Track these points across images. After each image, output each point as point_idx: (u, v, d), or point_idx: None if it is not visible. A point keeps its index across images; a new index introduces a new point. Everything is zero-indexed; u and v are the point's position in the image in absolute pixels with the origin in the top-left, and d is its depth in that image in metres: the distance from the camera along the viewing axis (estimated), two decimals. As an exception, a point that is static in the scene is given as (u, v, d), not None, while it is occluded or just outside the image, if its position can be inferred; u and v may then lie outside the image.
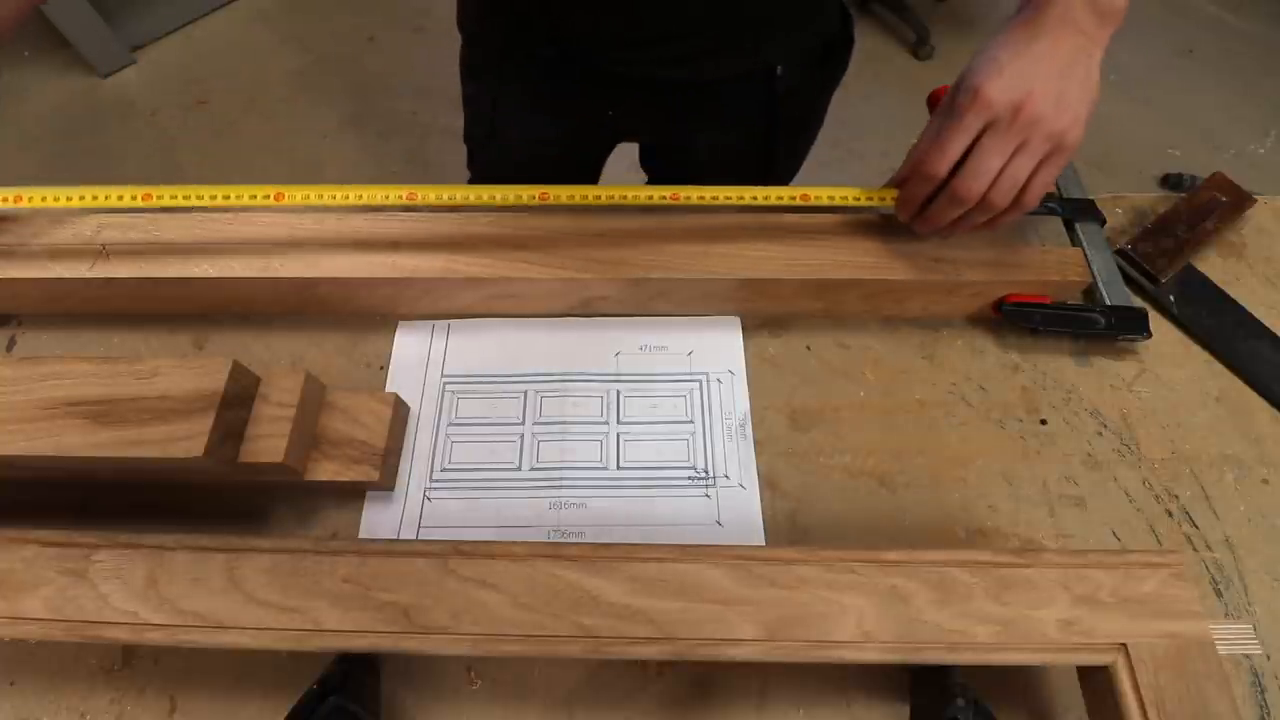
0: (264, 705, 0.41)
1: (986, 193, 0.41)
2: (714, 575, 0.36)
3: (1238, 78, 1.86)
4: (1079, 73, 0.40)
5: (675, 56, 0.59)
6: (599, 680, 0.42)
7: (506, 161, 0.78)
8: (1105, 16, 0.40)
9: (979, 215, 0.44)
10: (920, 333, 0.54)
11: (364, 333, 0.54)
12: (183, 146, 1.73)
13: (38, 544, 0.37)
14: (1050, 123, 0.39)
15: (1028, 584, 0.36)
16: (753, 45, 0.60)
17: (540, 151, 0.75)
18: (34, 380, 0.40)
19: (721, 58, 0.60)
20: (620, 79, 0.62)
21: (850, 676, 0.42)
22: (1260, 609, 0.44)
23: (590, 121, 0.70)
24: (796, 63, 0.64)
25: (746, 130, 0.70)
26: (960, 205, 0.43)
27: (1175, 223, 0.57)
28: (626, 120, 0.71)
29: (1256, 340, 0.54)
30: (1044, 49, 0.40)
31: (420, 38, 1.95)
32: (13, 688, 0.42)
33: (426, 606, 0.35)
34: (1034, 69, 0.39)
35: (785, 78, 0.64)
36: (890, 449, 0.49)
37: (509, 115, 0.72)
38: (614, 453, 0.49)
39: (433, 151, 1.73)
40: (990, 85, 0.39)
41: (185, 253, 0.50)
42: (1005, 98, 0.39)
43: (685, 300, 0.53)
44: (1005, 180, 0.41)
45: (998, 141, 0.40)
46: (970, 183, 0.41)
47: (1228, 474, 0.49)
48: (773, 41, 0.61)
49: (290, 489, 0.46)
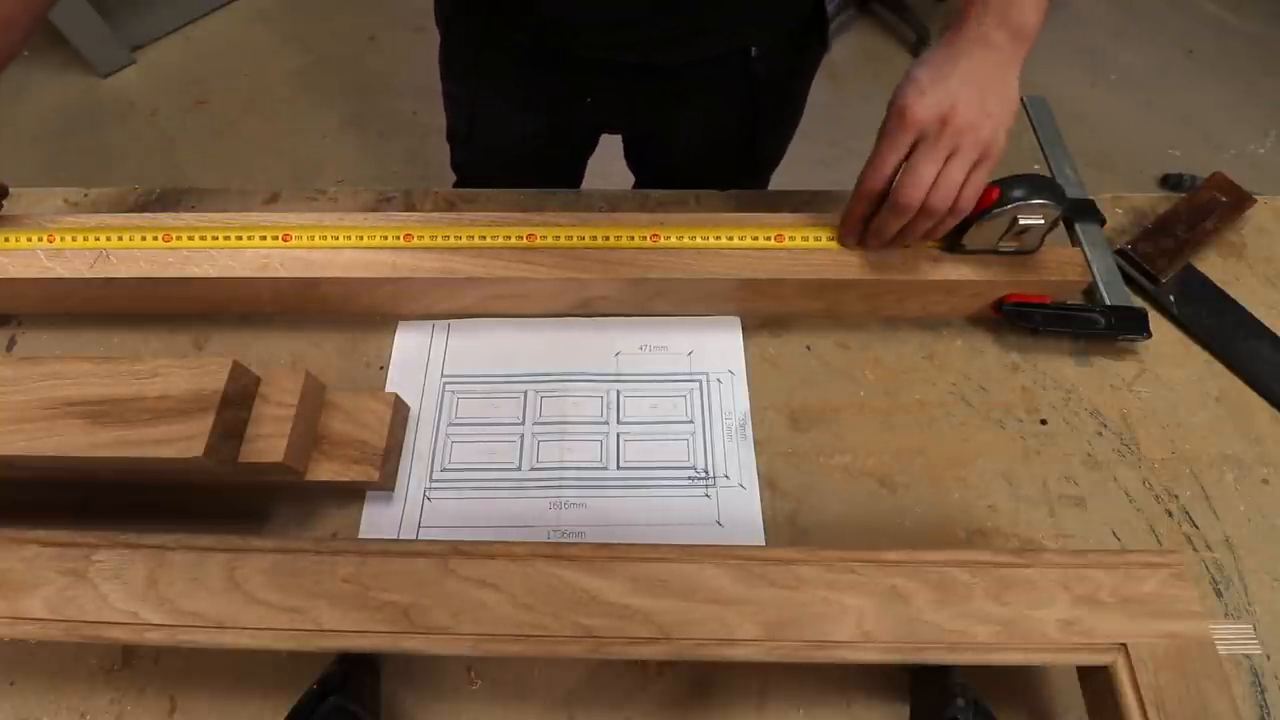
0: (264, 705, 0.41)
1: (925, 199, 0.44)
2: (714, 575, 0.36)
3: (1238, 78, 1.86)
4: (997, 86, 0.43)
5: (649, 39, 0.59)
6: (599, 680, 0.42)
7: (490, 160, 0.78)
8: (1019, 36, 0.43)
9: (922, 222, 0.46)
10: (920, 333, 0.54)
11: (364, 333, 0.54)
12: (183, 146, 1.73)
13: (38, 544, 0.37)
14: (976, 131, 0.42)
15: (1028, 584, 0.36)
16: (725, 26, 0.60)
17: (522, 149, 0.75)
18: (34, 380, 0.40)
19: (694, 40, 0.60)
20: (597, 65, 0.63)
21: (850, 676, 0.42)
22: (1260, 609, 0.44)
23: (569, 112, 0.70)
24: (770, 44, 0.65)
25: (726, 116, 0.70)
26: (902, 214, 0.45)
27: (1175, 223, 0.57)
28: (606, 109, 0.71)
29: (1256, 340, 0.54)
30: (963, 67, 0.43)
31: (421, 38, 1.94)
32: (13, 688, 0.42)
33: (426, 606, 0.35)
34: (955, 86, 0.42)
35: (761, 59, 0.65)
36: (890, 449, 0.49)
37: (489, 111, 0.72)
38: (614, 453, 0.49)
39: (433, 151, 1.72)
40: (916, 104, 0.43)
41: (185, 253, 0.50)
42: (931, 113, 0.42)
43: (685, 300, 0.53)
44: (941, 186, 0.43)
45: (929, 151, 0.43)
46: (909, 190, 0.44)
47: (1228, 474, 0.49)
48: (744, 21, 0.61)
49: (290, 489, 0.46)
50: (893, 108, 0.44)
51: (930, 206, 0.44)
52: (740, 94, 0.68)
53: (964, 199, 0.44)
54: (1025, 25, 0.43)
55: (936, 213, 0.45)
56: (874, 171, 0.45)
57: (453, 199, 0.61)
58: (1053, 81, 1.84)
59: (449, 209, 0.59)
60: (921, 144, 0.43)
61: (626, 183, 0.84)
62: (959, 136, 0.42)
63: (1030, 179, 0.46)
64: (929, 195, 0.44)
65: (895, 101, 0.44)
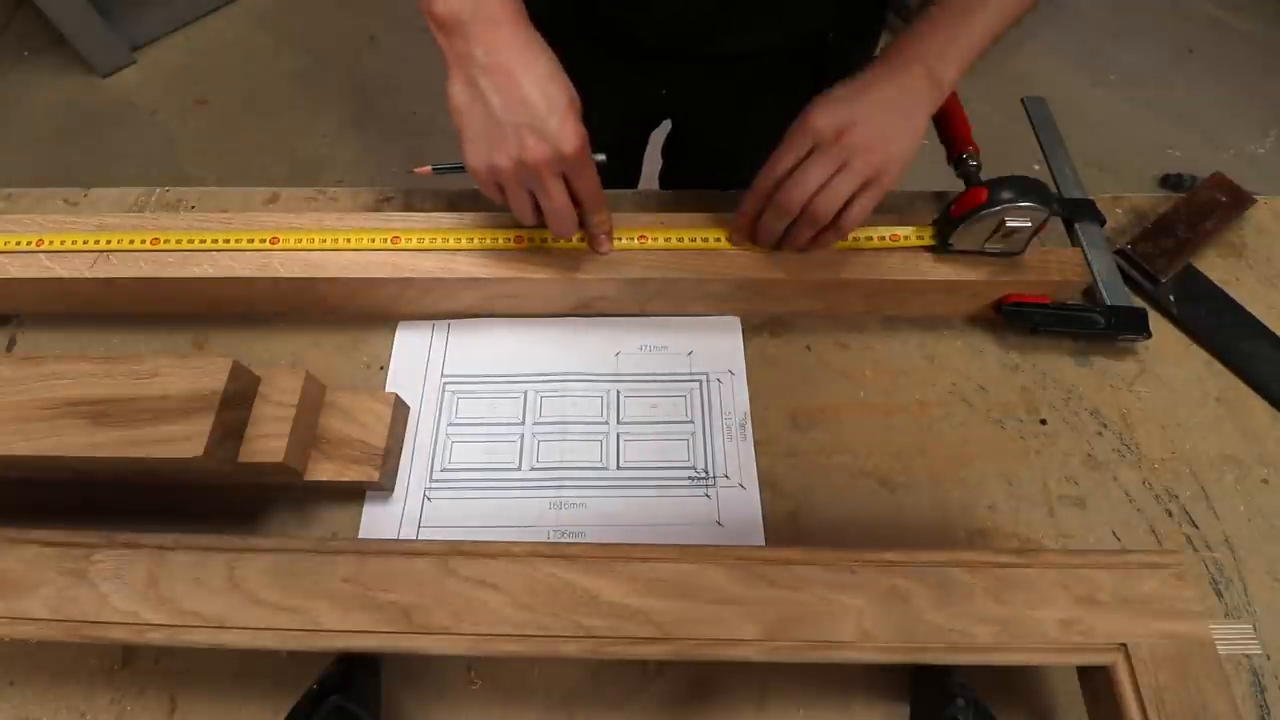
0: (264, 705, 0.41)
1: (807, 205, 0.44)
2: (714, 575, 0.36)
3: (1238, 78, 1.86)
4: (903, 120, 0.44)
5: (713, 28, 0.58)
6: (599, 680, 0.42)
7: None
8: (936, 84, 0.45)
9: (804, 228, 0.46)
10: (920, 333, 0.54)
11: (364, 333, 0.54)
12: (183, 146, 1.73)
13: (38, 544, 0.37)
14: (870, 153, 0.43)
15: (1027, 584, 0.36)
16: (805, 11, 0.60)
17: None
18: (34, 380, 0.40)
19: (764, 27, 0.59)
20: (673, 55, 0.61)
21: (850, 676, 0.42)
22: (1260, 609, 0.44)
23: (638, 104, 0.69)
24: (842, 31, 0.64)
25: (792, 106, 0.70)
26: (783, 215, 0.46)
27: (1175, 223, 0.57)
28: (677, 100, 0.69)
29: (1256, 340, 0.54)
30: (875, 94, 0.44)
31: (421, 38, 1.95)
32: (13, 688, 0.42)
33: (426, 606, 0.35)
34: (862, 107, 0.44)
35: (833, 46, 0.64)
36: (890, 449, 0.49)
37: None
38: (614, 453, 0.49)
39: (433, 151, 1.73)
40: (818, 114, 0.44)
41: (185, 253, 0.50)
42: (829, 124, 0.43)
43: (685, 300, 0.53)
44: (825, 195, 0.44)
45: (819, 159, 0.44)
46: (791, 191, 0.44)
47: (1228, 474, 0.49)
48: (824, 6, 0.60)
49: (290, 489, 0.46)
50: (799, 117, 0.45)
51: (811, 212, 0.44)
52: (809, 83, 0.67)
53: (848, 217, 0.45)
54: (944, 77, 0.45)
55: (817, 219, 0.45)
56: (768, 171, 0.46)
57: (452, 199, 0.61)
58: (1053, 81, 1.84)
59: (449, 209, 0.59)
60: (815, 151, 0.44)
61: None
62: (851, 152, 0.43)
63: (1019, 181, 0.46)
64: (812, 201, 0.44)
65: (803, 112, 0.45)
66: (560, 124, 0.39)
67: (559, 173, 0.41)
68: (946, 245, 0.49)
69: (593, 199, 0.45)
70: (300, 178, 1.68)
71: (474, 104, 0.40)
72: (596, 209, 0.47)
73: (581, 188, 0.44)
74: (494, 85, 0.39)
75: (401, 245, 0.50)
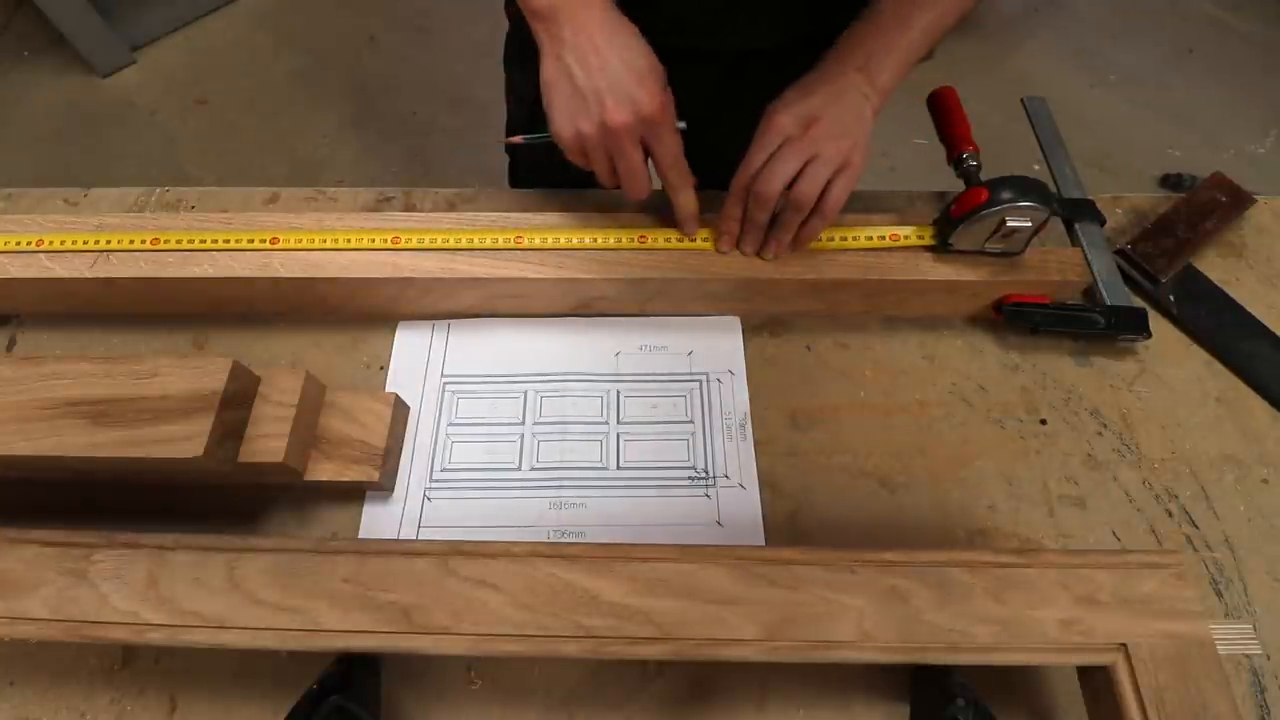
0: (264, 705, 0.41)
1: (790, 194, 0.46)
2: (714, 575, 0.36)
3: (1238, 78, 1.86)
4: (854, 116, 0.47)
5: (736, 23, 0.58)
6: (599, 680, 0.42)
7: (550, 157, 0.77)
8: (875, 88, 0.47)
9: (791, 215, 0.47)
10: (920, 333, 0.54)
11: (364, 333, 0.54)
12: (183, 146, 1.73)
13: (38, 544, 0.37)
14: (839, 140, 0.45)
15: (1027, 584, 0.36)
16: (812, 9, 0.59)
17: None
18: (34, 380, 0.40)
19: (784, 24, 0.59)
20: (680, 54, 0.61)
21: (850, 676, 0.42)
22: (1260, 609, 0.44)
23: None
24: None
25: None
26: (764, 204, 0.47)
27: (1175, 223, 0.57)
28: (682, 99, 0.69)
29: (1256, 340, 0.54)
30: (825, 91, 0.47)
31: (421, 38, 1.95)
32: (13, 688, 0.42)
33: (426, 606, 0.35)
34: (818, 102, 0.46)
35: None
36: (890, 449, 0.49)
37: None
38: (614, 453, 0.49)
39: (433, 151, 1.73)
40: (782, 113, 0.46)
41: (185, 253, 0.50)
42: (794, 120, 0.46)
43: (685, 300, 0.53)
44: (804, 180, 0.45)
45: (791, 149, 0.46)
46: (769, 180, 0.46)
47: (1228, 474, 0.49)
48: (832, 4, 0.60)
49: (290, 489, 0.46)
50: (763, 118, 0.47)
51: (794, 198, 0.46)
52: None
53: (828, 201, 0.46)
54: (882, 82, 0.48)
55: (801, 205, 0.46)
56: (743, 170, 0.47)
57: (452, 199, 0.61)
58: (1053, 81, 1.84)
59: (449, 209, 0.59)
60: (785, 144, 0.46)
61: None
62: (820, 143, 0.45)
63: (1019, 181, 0.46)
64: (794, 187, 0.46)
65: (766, 112, 0.47)
66: (638, 86, 0.41)
67: (638, 137, 0.43)
68: (946, 245, 0.50)
69: (673, 165, 0.46)
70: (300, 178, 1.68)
71: (560, 77, 0.42)
72: (680, 183, 0.48)
73: (661, 153, 0.45)
74: (578, 58, 0.42)
75: (401, 245, 0.50)
